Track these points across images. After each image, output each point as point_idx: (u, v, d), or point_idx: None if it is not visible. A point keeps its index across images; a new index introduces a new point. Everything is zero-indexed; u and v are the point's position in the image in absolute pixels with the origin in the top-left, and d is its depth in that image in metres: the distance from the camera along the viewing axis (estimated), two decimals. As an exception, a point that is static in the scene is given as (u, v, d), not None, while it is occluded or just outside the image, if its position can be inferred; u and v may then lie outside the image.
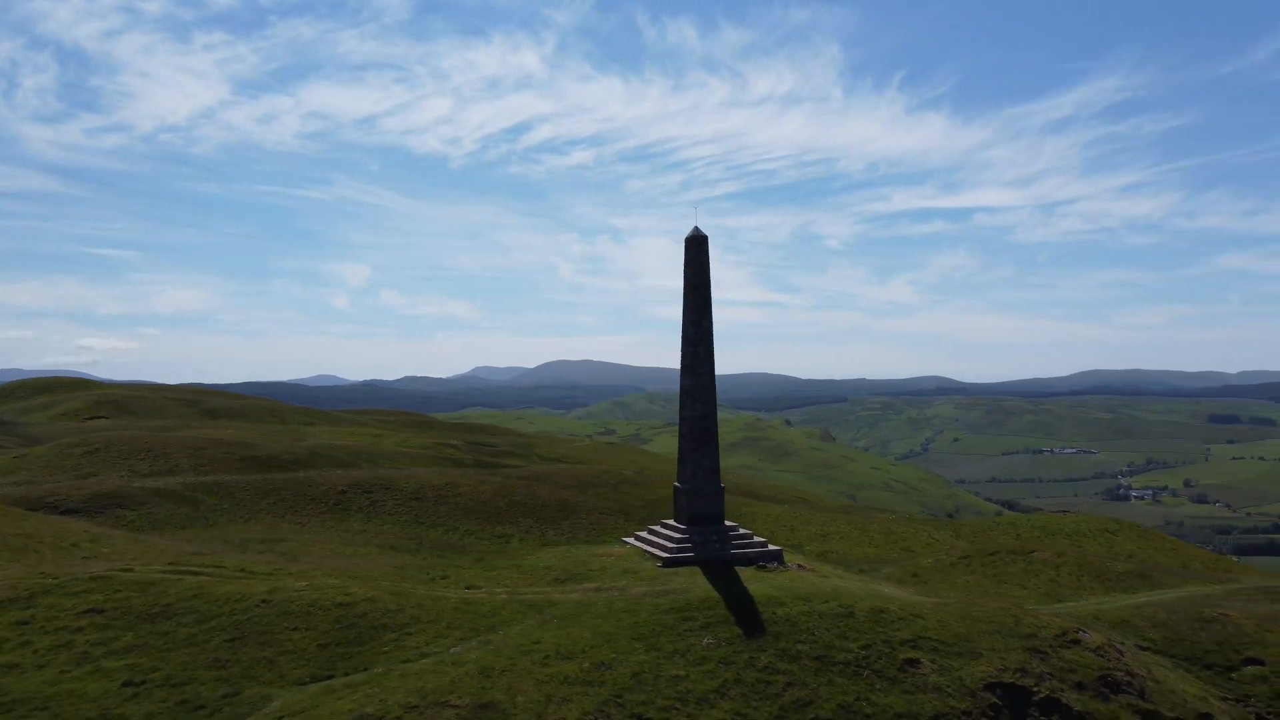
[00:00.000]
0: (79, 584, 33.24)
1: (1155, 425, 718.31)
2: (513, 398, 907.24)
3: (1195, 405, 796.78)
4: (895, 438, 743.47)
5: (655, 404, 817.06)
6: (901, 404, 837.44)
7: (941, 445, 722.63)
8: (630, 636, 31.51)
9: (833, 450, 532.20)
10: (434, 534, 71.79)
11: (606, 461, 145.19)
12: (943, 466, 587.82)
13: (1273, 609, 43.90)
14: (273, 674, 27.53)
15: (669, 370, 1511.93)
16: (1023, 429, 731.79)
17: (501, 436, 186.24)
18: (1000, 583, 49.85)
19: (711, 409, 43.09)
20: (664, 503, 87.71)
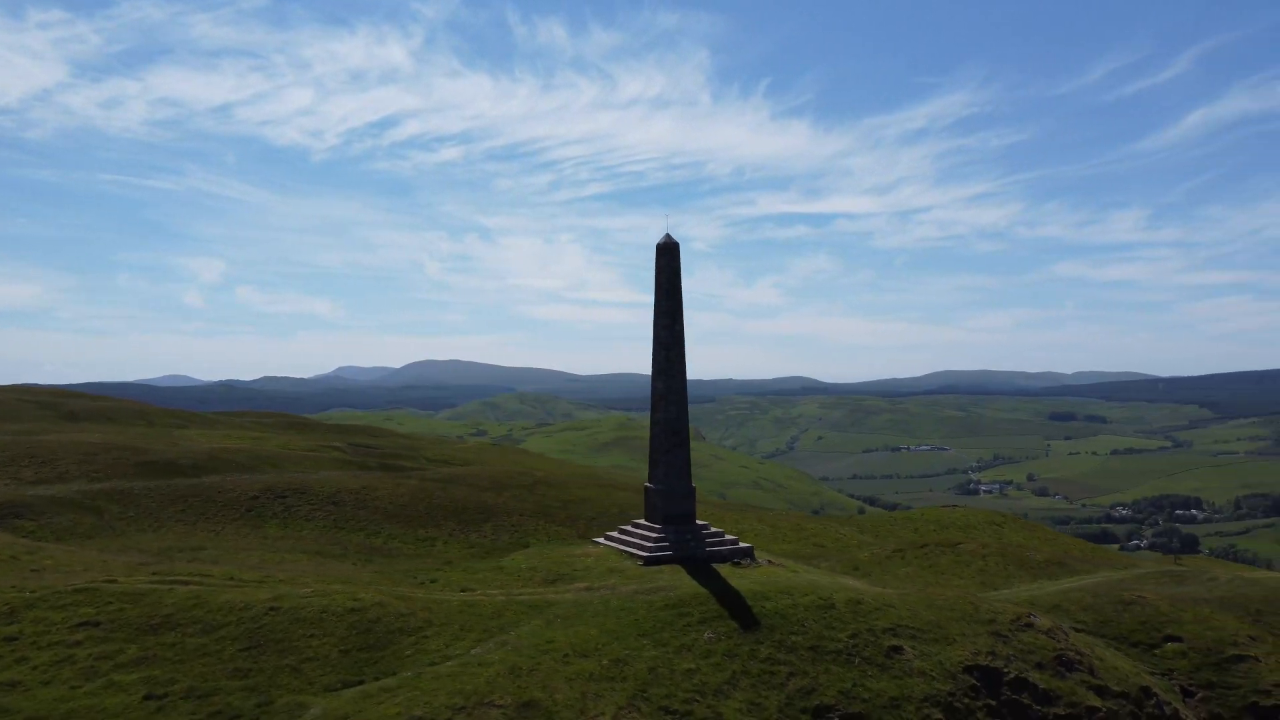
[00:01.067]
0: (62, 597, 31.95)
1: (1001, 423, 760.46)
2: (379, 398, 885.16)
3: (1037, 404, 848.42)
4: (762, 436, 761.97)
5: (526, 405, 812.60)
6: (768, 404, 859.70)
7: (806, 443, 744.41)
8: (636, 633, 32.59)
9: (702, 449, 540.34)
10: (356, 539, 70.67)
11: (495, 463, 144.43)
12: (807, 464, 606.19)
13: (1179, 590, 48.53)
14: (300, 681, 27.36)
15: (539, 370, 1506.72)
16: (881, 427, 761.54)
17: (385, 438, 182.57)
18: (937, 573, 53.19)
19: (683, 411, 44.54)
20: (580, 503, 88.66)
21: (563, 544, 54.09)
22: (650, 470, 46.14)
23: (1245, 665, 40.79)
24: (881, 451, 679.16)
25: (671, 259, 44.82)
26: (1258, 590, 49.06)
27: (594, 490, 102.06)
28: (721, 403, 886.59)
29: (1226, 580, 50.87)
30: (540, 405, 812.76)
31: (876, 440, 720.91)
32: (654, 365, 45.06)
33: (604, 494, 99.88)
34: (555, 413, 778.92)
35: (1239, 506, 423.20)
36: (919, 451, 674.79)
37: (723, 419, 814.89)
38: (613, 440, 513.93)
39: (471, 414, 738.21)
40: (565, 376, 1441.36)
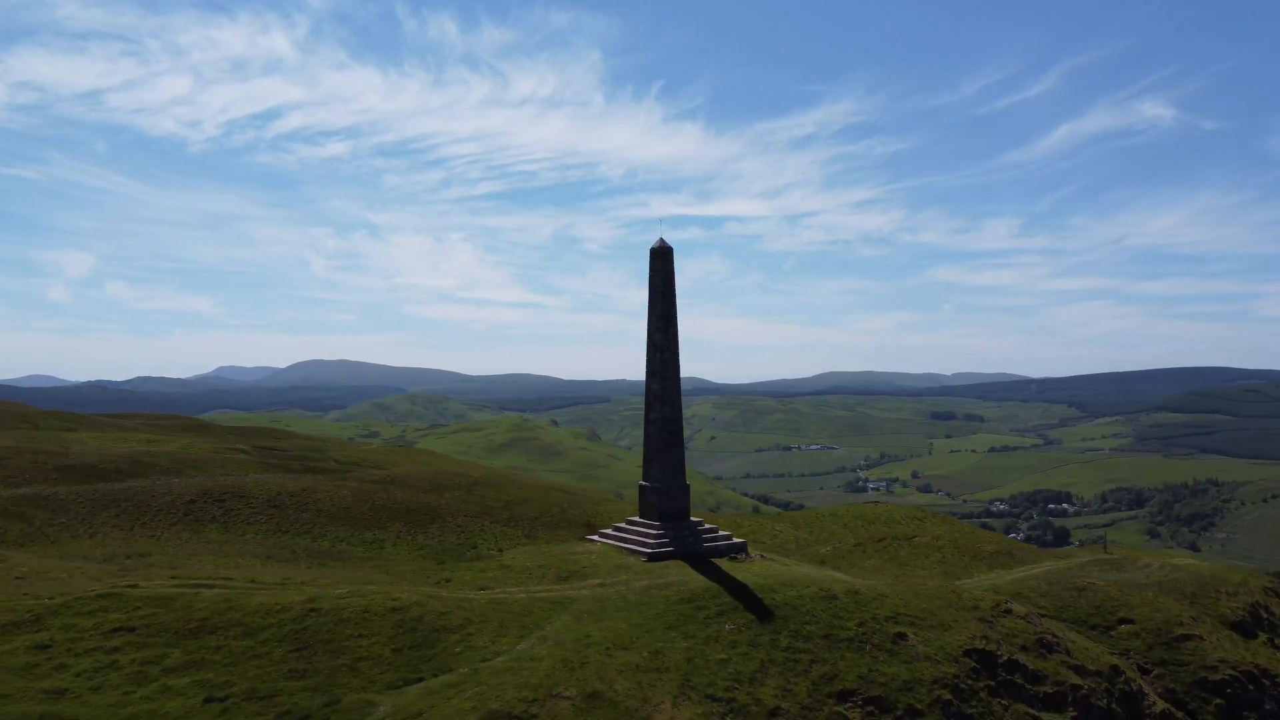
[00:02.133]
0: (87, 603, 31.17)
1: (886, 422, 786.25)
2: (263, 399, 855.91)
3: (919, 404, 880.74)
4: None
5: (418, 406, 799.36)
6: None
7: (700, 443, 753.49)
8: (662, 626, 33.75)
9: (599, 449, 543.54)
10: (303, 542, 69.67)
11: (407, 464, 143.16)
12: (701, 463, 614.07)
13: (1120, 577, 52.43)
14: (360, 680, 27.55)
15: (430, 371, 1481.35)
16: (773, 427, 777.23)
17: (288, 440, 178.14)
18: (900, 564, 55.94)
19: (678, 412, 45.80)
20: (520, 504, 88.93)
21: (558, 542, 54.65)
22: (645, 469, 47.29)
23: (1192, 644, 44.58)
24: (773, 451, 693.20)
25: (666, 263, 46.06)
26: (1186, 575, 53.39)
27: (531, 491, 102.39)
28: (616, 403, 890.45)
29: (1158, 567, 55.14)
30: (432, 406, 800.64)
31: (768, 440, 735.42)
32: (648, 367, 46.20)
33: (541, 495, 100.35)
34: (448, 414, 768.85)
35: (1105, 500, 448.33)
36: (809, 450, 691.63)
37: (617, 419, 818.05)
38: (509, 441, 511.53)
39: (362, 415, 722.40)
40: (457, 377, 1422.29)
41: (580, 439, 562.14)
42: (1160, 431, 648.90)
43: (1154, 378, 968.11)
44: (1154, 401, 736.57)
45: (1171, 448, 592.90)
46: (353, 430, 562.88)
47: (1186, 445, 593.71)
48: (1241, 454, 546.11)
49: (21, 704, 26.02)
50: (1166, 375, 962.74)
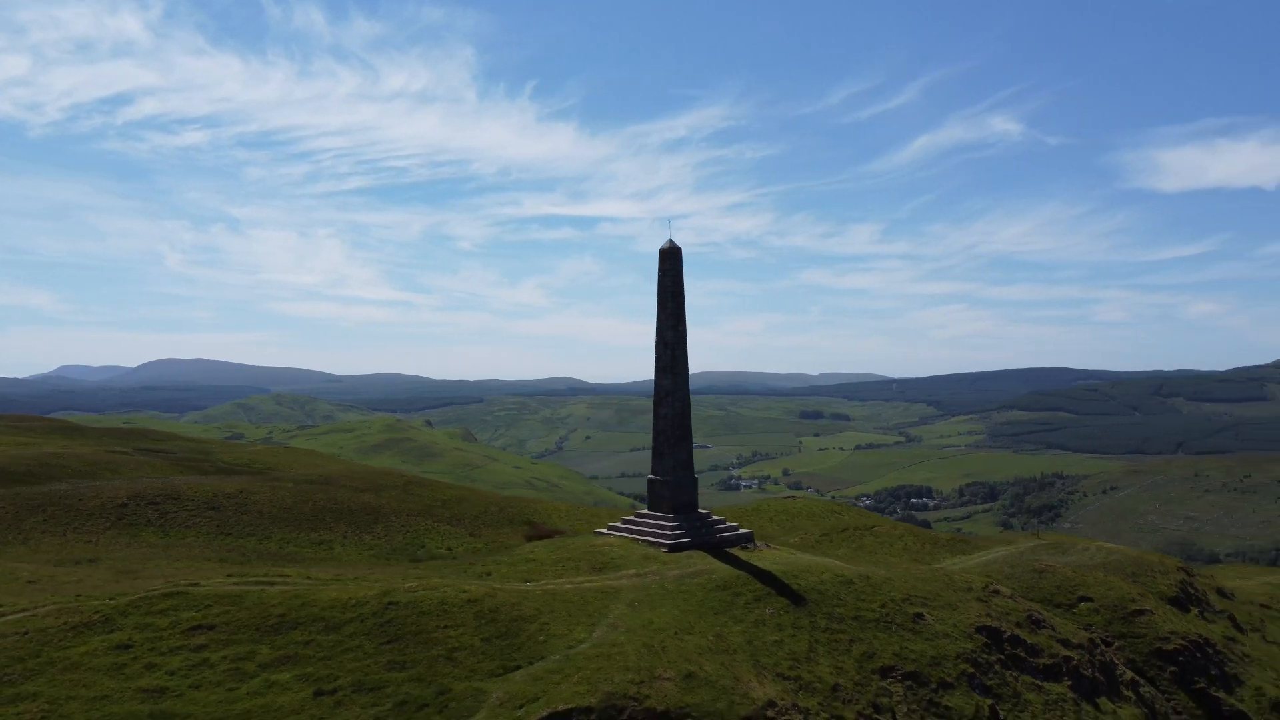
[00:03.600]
0: (154, 603, 30.52)
1: (757, 421, 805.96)
2: (111, 400, 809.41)
3: (788, 403, 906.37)
4: (532, 437, 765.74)
5: (283, 406, 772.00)
6: (536, 404, 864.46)
7: (575, 443, 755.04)
8: (712, 611, 35.35)
9: (475, 450, 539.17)
10: (249, 544, 68.40)
11: (296, 467, 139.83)
12: (578, 463, 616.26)
13: (1067, 559, 56.96)
14: (460, 669, 28.06)
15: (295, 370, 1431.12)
16: (647, 426, 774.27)
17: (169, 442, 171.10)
18: (868, 552, 58.98)
19: (687, 407, 47.35)
20: (458, 503, 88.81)
21: (573, 535, 55.21)
22: (655, 463, 48.65)
23: (1145, 618, 49.10)
24: (648, 450, 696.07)
25: (675, 263, 47.57)
26: (1123, 558, 58.48)
27: (464, 491, 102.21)
28: (490, 403, 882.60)
29: (1095, 549, 60.13)
30: (299, 407, 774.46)
31: (643, 439, 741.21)
32: (658, 363, 47.58)
33: (475, 495, 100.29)
34: (316, 415, 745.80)
35: (962, 494, 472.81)
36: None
37: (491, 419, 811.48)
38: (382, 443, 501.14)
39: (223, 417, 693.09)
40: (324, 377, 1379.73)
41: (456, 440, 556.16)
42: (1010, 429, 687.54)
43: (1004, 378, 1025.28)
44: (1005, 400, 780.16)
45: (1021, 444, 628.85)
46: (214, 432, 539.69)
47: (1034, 441, 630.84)
48: (1082, 449, 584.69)
49: (123, 704, 25.53)
50: (1016, 376, 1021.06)
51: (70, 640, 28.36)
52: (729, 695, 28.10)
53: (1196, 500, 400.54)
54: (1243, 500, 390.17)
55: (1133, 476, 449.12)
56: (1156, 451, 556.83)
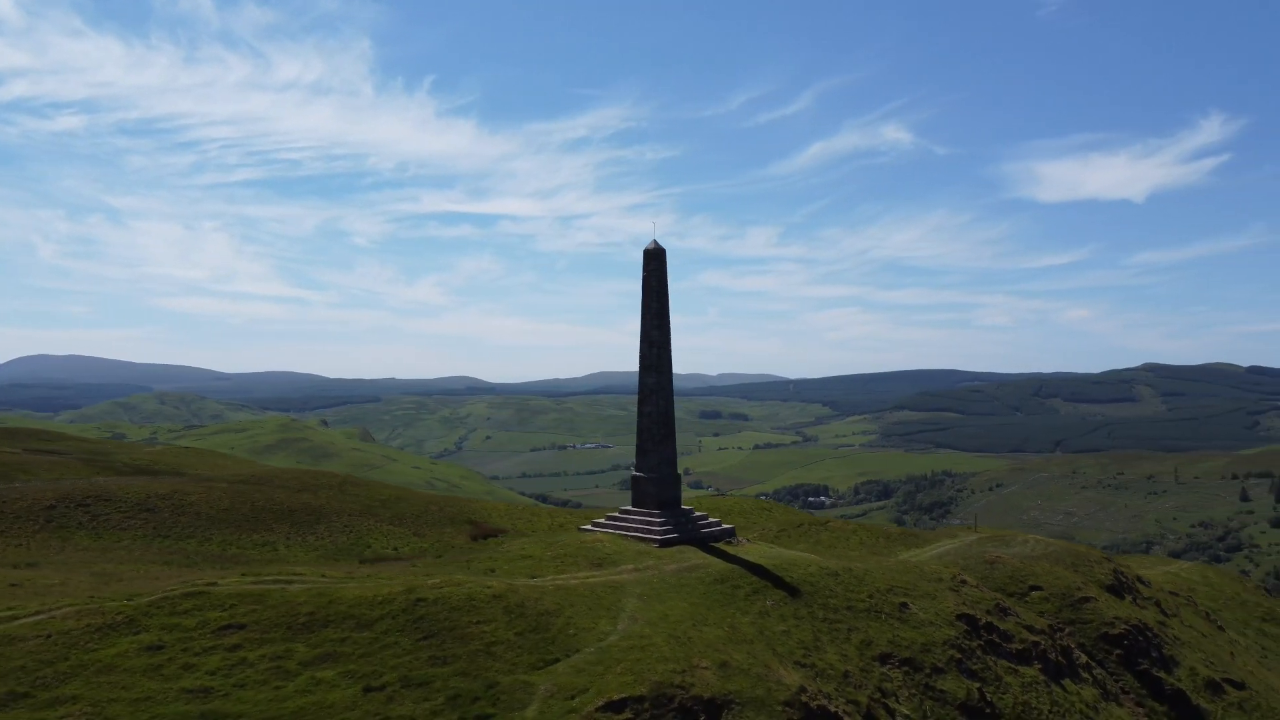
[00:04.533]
0: (175, 603, 29.85)
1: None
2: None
3: (688, 403, 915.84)
4: (430, 437, 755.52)
5: (168, 405, 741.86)
6: (435, 403, 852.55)
7: (475, 443, 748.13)
8: (718, 604, 36.42)
9: (373, 450, 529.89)
10: (190, 546, 66.78)
11: (201, 467, 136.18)
12: (478, 463, 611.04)
13: (1011, 551, 60.05)
14: (502, 664, 28.35)
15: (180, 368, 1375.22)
16: (548, 426, 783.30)
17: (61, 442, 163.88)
18: (827, 547, 60.89)
19: (671, 405, 48.26)
20: (396, 502, 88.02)
21: (558, 531, 55.30)
22: (640, 460, 49.37)
23: (1091, 605, 52.31)
24: (549, 450, 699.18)
25: (659, 264, 48.46)
26: (1059, 549, 62.00)
27: (399, 491, 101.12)
28: (387, 403, 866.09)
29: (1034, 542, 63.59)
30: (185, 406, 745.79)
31: (543, 439, 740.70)
32: (642, 362, 48.35)
33: (411, 494, 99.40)
34: (203, 414, 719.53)
35: (858, 492, 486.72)
36: (584, 449, 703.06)
37: (389, 419, 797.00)
38: (276, 443, 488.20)
39: (102, 416, 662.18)
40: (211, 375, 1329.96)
41: (353, 440, 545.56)
42: (902, 429, 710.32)
43: (895, 379, 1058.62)
44: (896, 401, 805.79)
45: (911, 443, 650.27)
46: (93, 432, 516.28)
47: (924, 441, 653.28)
48: (969, 448, 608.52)
49: (169, 705, 25.08)
50: (906, 377, 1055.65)
51: (97, 642, 27.59)
52: (764, 682, 29.20)
53: (1074, 496, 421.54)
54: (1115, 496, 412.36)
55: (1016, 474, 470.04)
56: (1037, 450, 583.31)
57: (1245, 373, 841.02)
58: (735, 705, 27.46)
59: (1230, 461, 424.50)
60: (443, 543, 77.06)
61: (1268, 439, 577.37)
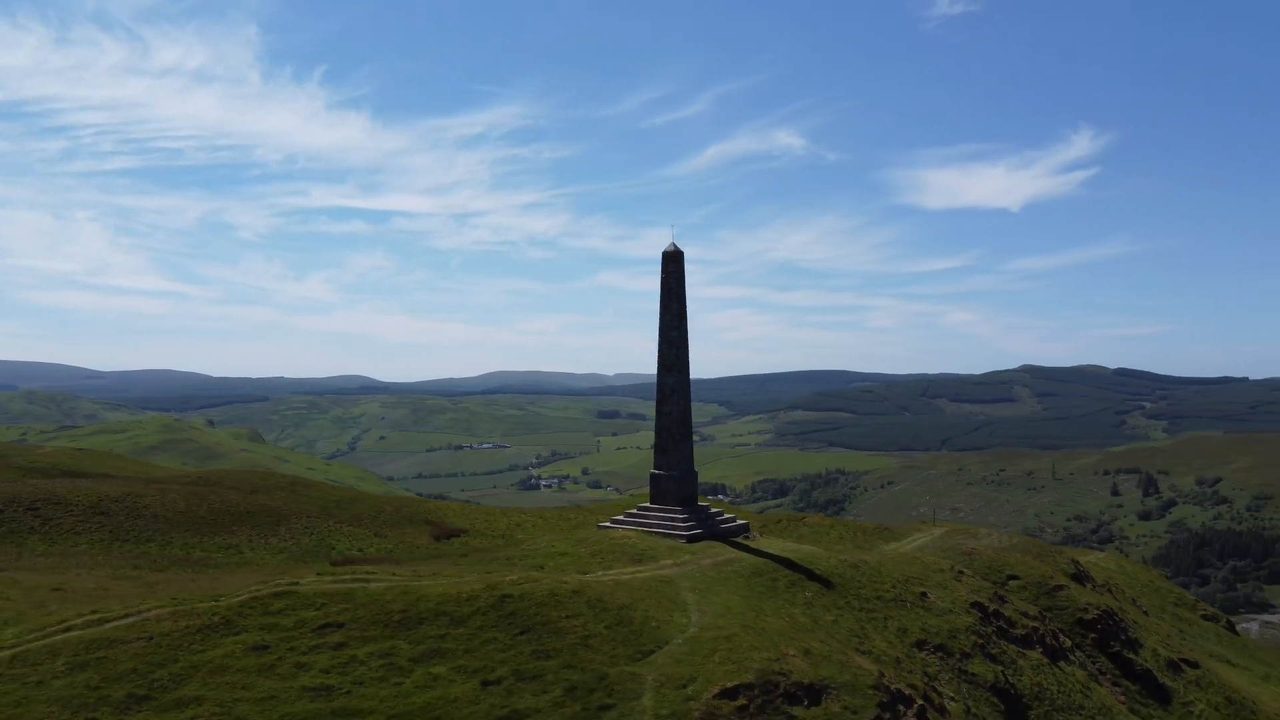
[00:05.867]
0: (266, 603, 29.59)
1: (556, 421, 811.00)
2: None
3: (585, 403, 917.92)
4: (322, 437, 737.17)
5: (37, 405, 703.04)
6: (327, 403, 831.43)
7: (369, 443, 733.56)
8: (765, 595, 37.83)
9: (263, 451, 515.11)
10: (151, 549, 65.18)
11: (101, 468, 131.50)
12: (372, 464, 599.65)
13: (980, 543, 63.31)
14: (602, 656, 29.04)
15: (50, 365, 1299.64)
16: (444, 426, 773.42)
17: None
18: (812, 541, 62.63)
19: (689, 404, 49.39)
20: (351, 502, 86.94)
21: (575, 529, 55.52)
22: (659, 458, 50.30)
23: (1065, 592, 55.82)
24: (445, 450, 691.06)
25: (678, 266, 49.63)
26: (1024, 541, 65.75)
27: (349, 492, 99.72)
28: (276, 402, 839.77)
29: (997, 535, 67.24)
30: (56, 405, 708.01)
31: (439, 439, 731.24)
32: (661, 362, 49.35)
33: (363, 495, 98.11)
34: (76, 414, 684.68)
35: (754, 490, 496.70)
36: (481, 449, 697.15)
37: (278, 419, 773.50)
38: (159, 444, 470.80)
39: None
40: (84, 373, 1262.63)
41: (242, 440, 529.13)
42: (796, 428, 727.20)
43: (789, 379, 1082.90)
44: (790, 401, 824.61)
45: (806, 442, 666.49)
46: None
47: (818, 440, 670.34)
48: (861, 446, 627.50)
49: (295, 704, 25.01)
50: (799, 377, 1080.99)
51: (200, 643, 27.16)
52: (848, 668, 30.73)
53: (960, 492, 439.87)
54: (998, 492, 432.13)
55: (906, 471, 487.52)
56: (924, 448, 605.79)
57: (1113, 374, 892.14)
58: (831, 690, 28.89)
59: (1101, 458, 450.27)
60: (405, 543, 76.54)
61: (1133, 437, 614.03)
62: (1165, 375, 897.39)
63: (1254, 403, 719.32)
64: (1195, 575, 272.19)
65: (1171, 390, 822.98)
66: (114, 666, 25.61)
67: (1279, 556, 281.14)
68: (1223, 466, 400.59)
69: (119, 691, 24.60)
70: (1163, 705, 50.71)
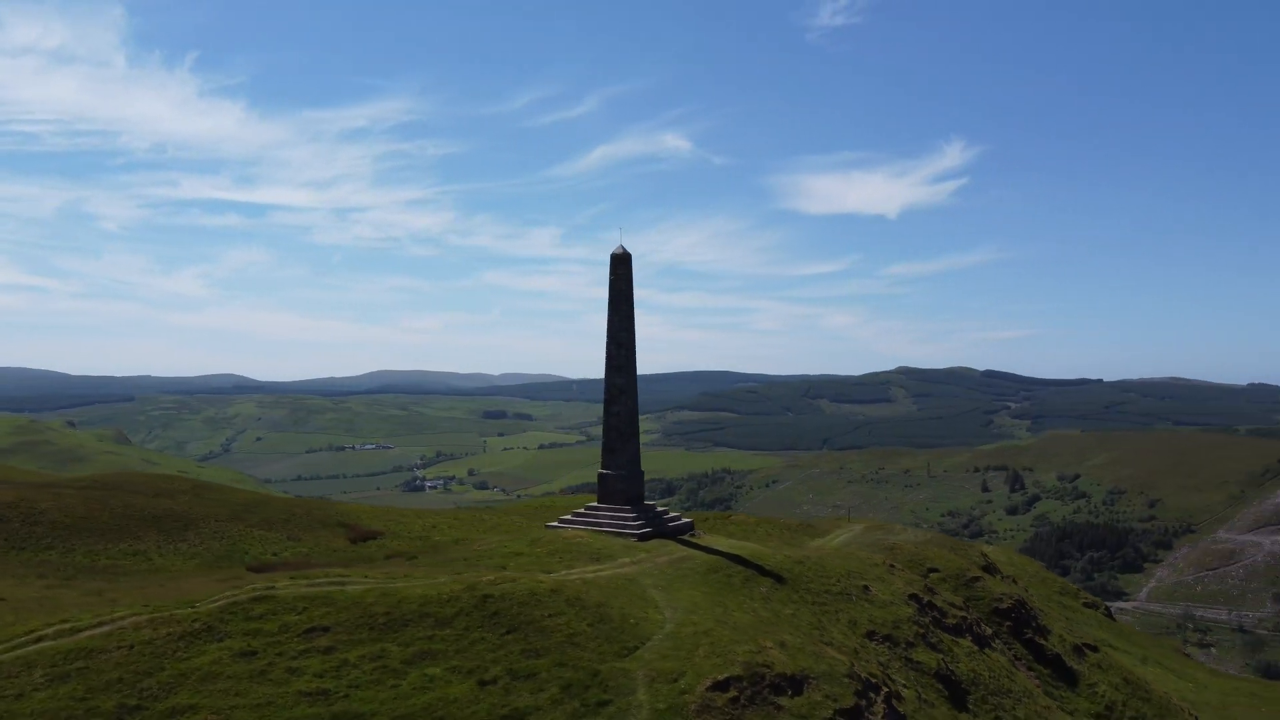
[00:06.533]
0: (245, 608, 28.90)
1: (441, 421, 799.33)
2: None
3: (471, 403, 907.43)
4: (193, 439, 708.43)
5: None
6: (198, 403, 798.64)
7: (245, 445, 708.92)
8: (726, 592, 38.86)
9: (130, 453, 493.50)
10: (52, 557, 62.61)
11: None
12: (248, 466, 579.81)
13: (899, 538, 65.90)
14: (589, 653, 29.39)
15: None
16: (325, 426, 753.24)
17: None
18: (738, 538, 64.02)
19: (636, 405, 49.94)
20: (260, 505, 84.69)
21: (525, 530, 54.97)
22: (607, 458, 50.65)
23: (981, 583, 58.80)
24: (326, 451, 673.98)
25: (627, 269, 50.20)
26: (935, 536, 68.78)
27: (255, 495, 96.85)
28: (142, 402, 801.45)
29: (910, 532, 70.17)
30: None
31: (320, 440, 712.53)
32: (610, 363, 49.78)
33: (270, 498, 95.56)
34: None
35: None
36: (364, 450, 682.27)
37: (145, 420, 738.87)
38: (13, 446, 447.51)
39: None
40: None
41: (107, 442, 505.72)
42: (683, 428, 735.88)
43: (676, 380, 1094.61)
44: (676, 401, 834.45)
45: (692, 442, 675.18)
46: None
47: (704, 440, 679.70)
48: (746, 446, 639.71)
49: (294, 709, 24.60)
50: (686, 378, 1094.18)
51: (185, 650, 26.34)
52: (822, 659, 31.95)
53: (842, 490, 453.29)
54: (877, 489, 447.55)
55: (790, 470, 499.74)
56: (807, 447, 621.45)
57: (981, 376, 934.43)
58: (811, 680, 30.02)
59: (972, 456, 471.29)
60: (321, 546, 74.98)
61: (999, 435, 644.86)
62: (1029, 377, 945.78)
63: (1108, 403, 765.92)
64: (1057, 566, 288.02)
65: (1034, 391, 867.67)
66: (98, 676, 24.65)
67: (1132, 547, 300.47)
68: (1081, 463, 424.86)
69: (108, 702, 23.73)
70: (1071, 687, 54.04)
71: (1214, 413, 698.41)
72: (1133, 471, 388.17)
